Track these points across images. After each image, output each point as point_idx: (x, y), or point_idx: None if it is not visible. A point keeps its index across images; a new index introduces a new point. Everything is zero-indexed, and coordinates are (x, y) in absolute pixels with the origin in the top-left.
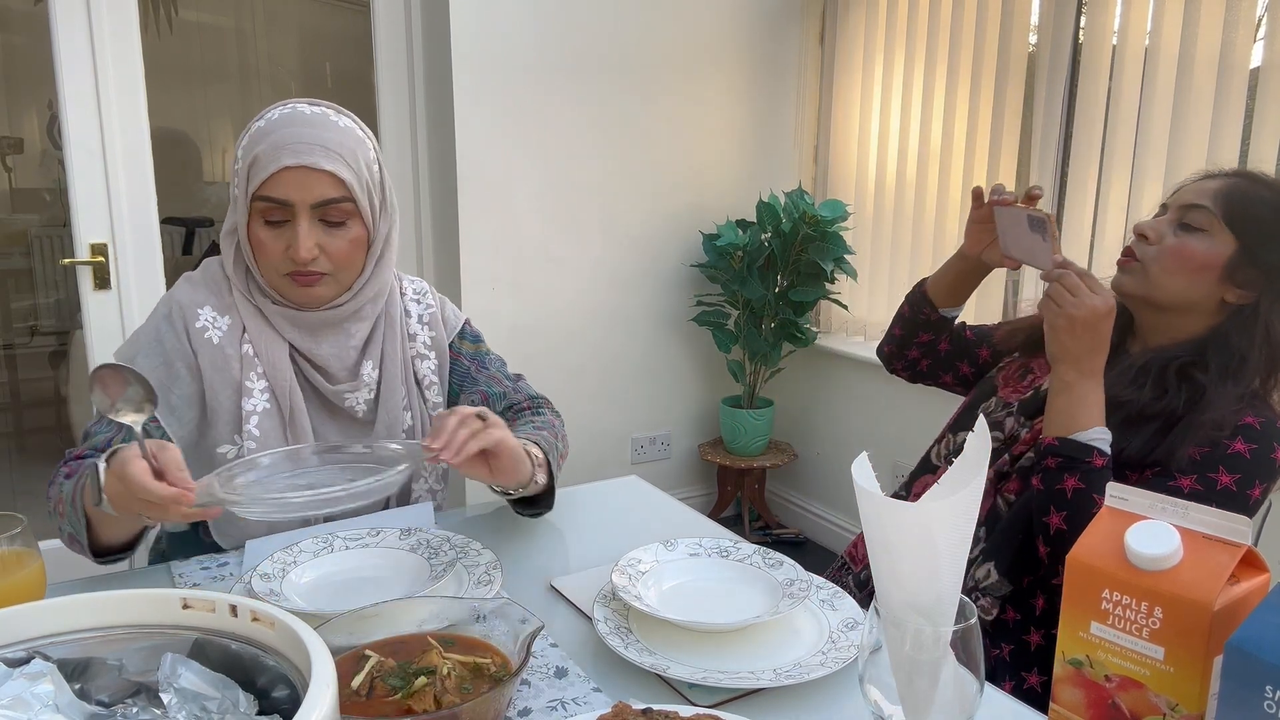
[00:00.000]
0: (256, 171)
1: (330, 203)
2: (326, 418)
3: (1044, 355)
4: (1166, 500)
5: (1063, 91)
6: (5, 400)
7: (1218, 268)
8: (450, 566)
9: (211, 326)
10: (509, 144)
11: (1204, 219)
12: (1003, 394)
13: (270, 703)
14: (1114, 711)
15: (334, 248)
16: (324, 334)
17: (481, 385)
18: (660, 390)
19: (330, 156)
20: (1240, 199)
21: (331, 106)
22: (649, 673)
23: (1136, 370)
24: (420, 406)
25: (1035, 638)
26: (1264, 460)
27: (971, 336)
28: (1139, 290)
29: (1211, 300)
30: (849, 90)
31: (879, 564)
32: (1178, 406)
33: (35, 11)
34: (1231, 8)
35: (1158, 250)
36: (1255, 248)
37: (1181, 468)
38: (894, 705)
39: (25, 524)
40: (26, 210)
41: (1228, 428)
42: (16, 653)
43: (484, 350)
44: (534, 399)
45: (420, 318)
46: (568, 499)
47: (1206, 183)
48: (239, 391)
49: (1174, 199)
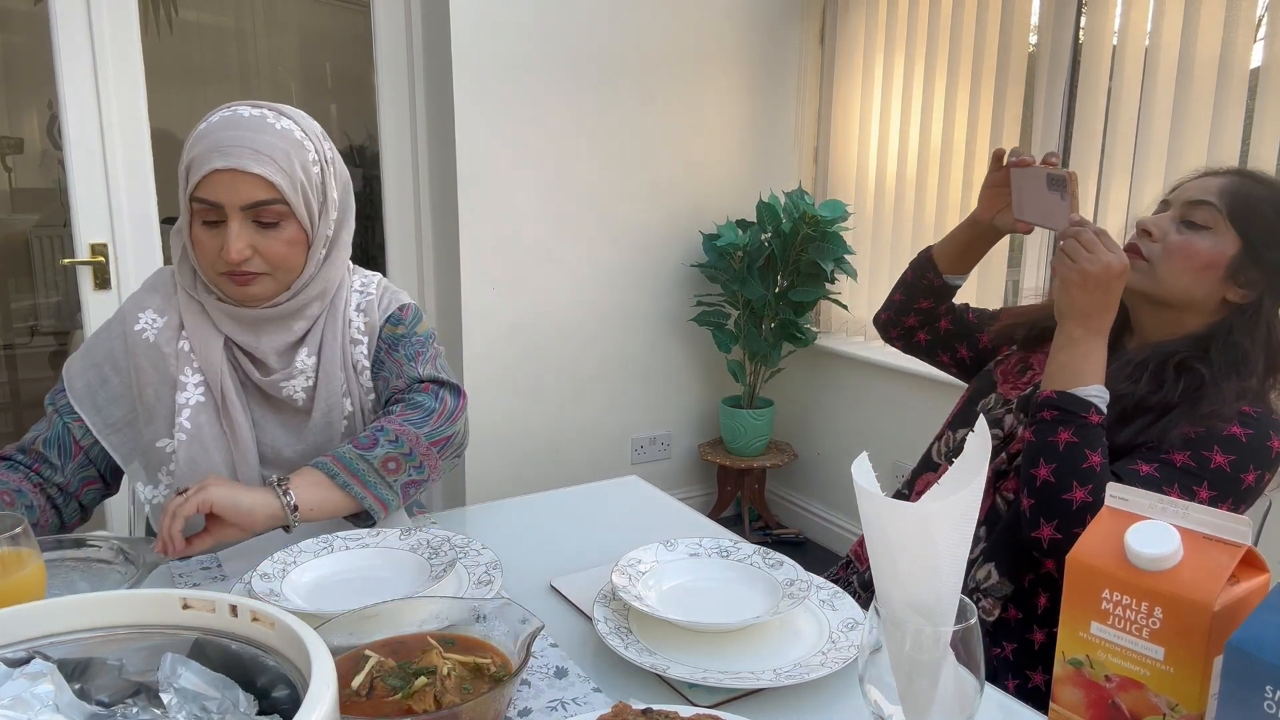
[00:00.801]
0: (192, 173)
1: (260, 204)
2: (268, 410)
3: (1043, 351)
4: (1166, 500)
5: (1063, 91)
6: (5, 400)
7: (1222, 267)
8: (450, 566)
9: (150, 328)
10: (509, 144)
11: (1209, 216)
12: (1002, 390)
13: (270, 703)
14: (1114, 711)
15: (267, 248)
16: (265, 329)
17: (386, 371)
18: (660, 390)
19: (260, 159)
20: (1245, 197)
21: (274, 108)
22: (649, 673)
23: (1135, 365)
24: (359, 392)
25: (1039, 636)
26: (1259, 446)
27: (974, 319)
28: (1143, 286)
29: (1213, 299)
30: (849, 90)
31: (879, 564)
32: (1174, 397)
33: (35, 11)
34: (1231, 8)
35: (1163, 247)
36: (1259, 247)
37: (1174, 445)
38: (894, 705)
39: (25, 524)
40: (26, 210)
41: (1228, 415)
42: (16, 653)
43: (401, 333)
44: (411, 383)
45: (358, 305)
46: (568, 499)
47: (1209, 180)
48: (174, 387)
49: (1176, 195)
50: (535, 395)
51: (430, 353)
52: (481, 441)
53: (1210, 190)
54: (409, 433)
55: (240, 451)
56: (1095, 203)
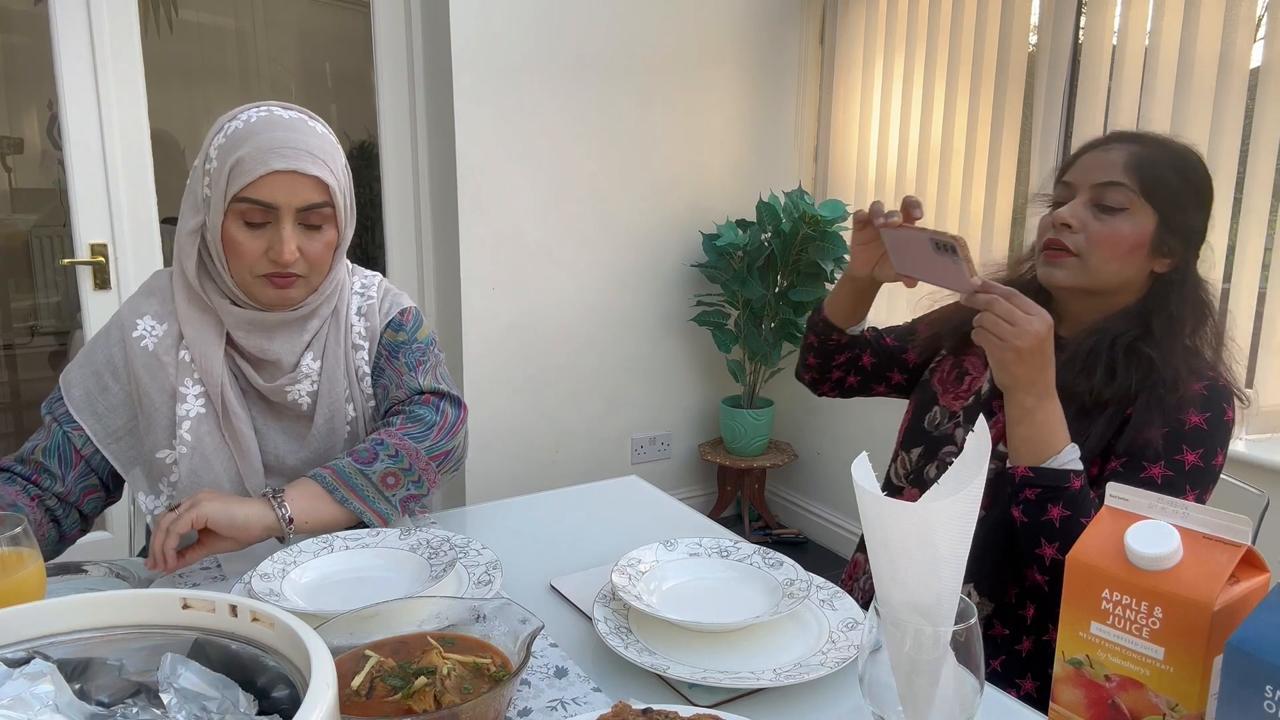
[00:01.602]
0: (240, 174)
1: (313, 207)
2: (270, 417)
3: (973, 353)
4: (1166, 500)
5: (1063, 91)
6: (5, 400)
7: (1146, 244)
8: (450, 566)
9: (149, 335)
10: (509, 144)
11: (1122, 197)
12: (944, 402)
13: (270, 703)
14: (1114, 711)
15: (311, 250)
16: (280, 332)
17: (385, 379)
18: (660, 390)
19: (315, 162)
20: (1151, 168)
21: (304, 111)
22: (649, 673)
23: (1085, 356)
24: (360, 398)
25: (1026, 644)
26: (1219, 425)
27: (893, 343)
28: (1077, 282)
29: (1142, 274)
30: (849, 90)
31: (879, 564)
32: (1130, 386)
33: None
34: (1231, 8)
35: (1087, 239)
36: (1174, 215)
37: (1148, 456)
38: (894, 705)
39: (25, 524)
40: (26, 210)
41: (1184, 402)
42: (16, 653)
43: (402, 339)
44: (412, 394)
45: (360, 309)
46: (568, 499)
47: (1108, 154)
48: (174, 397)
49: (1079, 177)
50: (535, 395)
51: (431, 361)
52: (481, 442)
53: (1115, 168)
54: (409, 447)
55: (246, 461)
56: None
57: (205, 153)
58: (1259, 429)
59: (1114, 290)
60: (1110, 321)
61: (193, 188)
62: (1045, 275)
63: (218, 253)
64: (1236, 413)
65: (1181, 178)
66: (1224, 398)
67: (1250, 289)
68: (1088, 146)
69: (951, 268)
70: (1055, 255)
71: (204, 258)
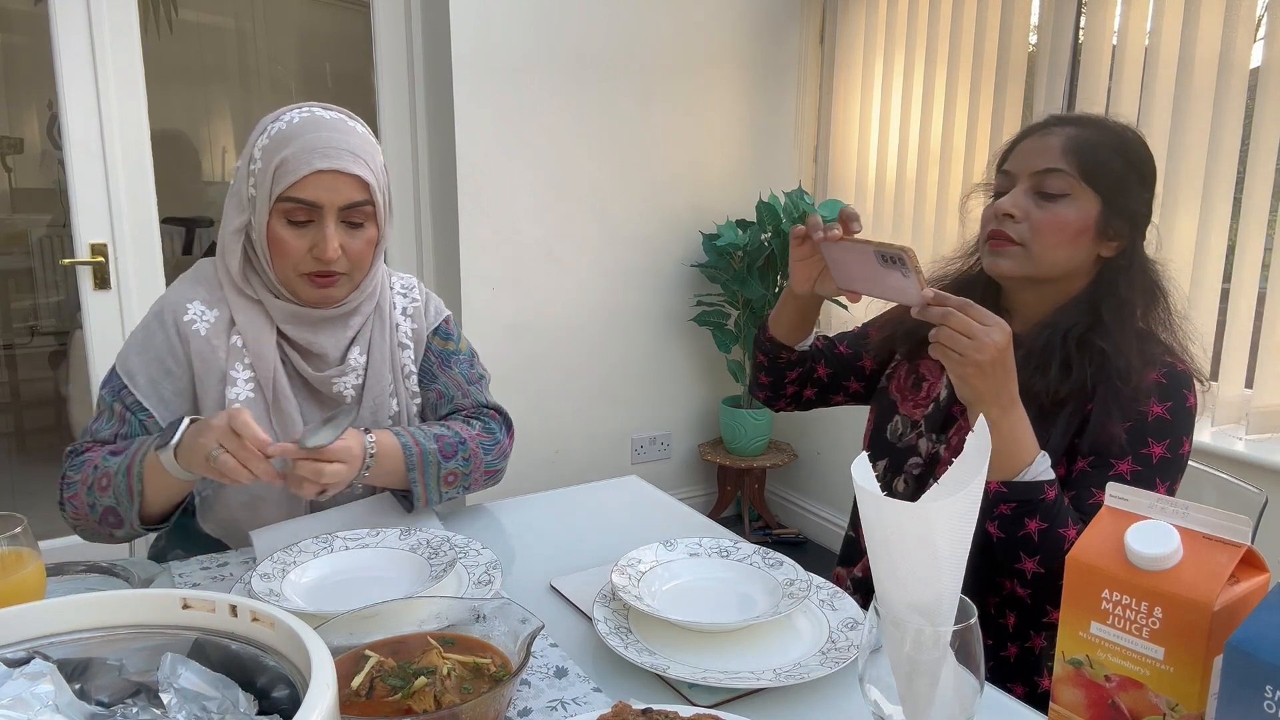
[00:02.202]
0: (284, 174)
1: (356, 205)
2: (314, 407)
3: (928, 356)
4: (1166, 500)
5: (1063, 91)
6: (5, 400)
7: (1091, 229)
8: (450, 566)
9: (199, 319)
10: (509, 144)
11: (1063, 183)
12: (904, 410)
13: (270, 703)
14: (1114, 711)
15: (353, 248)
16: (325, 327)
17: (439, 385)
18: (660, 390)
19: (357, 161)
20: (1090, 152)
21: (344, 111)
22: (649, 673)
23: (1039, 353)
24: (403, 393)
25: (1012, 650)
26: (1181, 412)
27: (847, 351)
28: (1024, 271)
29: (1089, 260)
30: (849, 90)
31: (879, 564)
32: (1085, 380)
33: (35, 11)
34: (1231, 8)
35: (1030, 227)
36: (1117, 198)
37: (1114, 453)
38: (894, 705)
39: (25, 524)
40: (26, 210)
41: (1142, 392)
42: (16, 653)
43: (452, 349)
44: (480, 407)
45: (405, 310)
46: (568, 499)
47: (1044, 140)
48: (224, 381)
49: (1017, 164)
50: (535, 395)
51: (484, 376)
52: None
53: (1054, 154)
54: (478, 456)
55: None
56: None
57: (249, 153)
58: (1225, 419)
59: (1061, 277)
60: (1060, 314)
61: (237, 188)
62: (991, 266)
63: (263, 251)
64: (1199, 396)
65: (1123, 159)
66: (1184, 384)
67: (1250, 289)
68: (1025, 133)
69: (901, 280)
70: (999, 245)
71: (248, 255)
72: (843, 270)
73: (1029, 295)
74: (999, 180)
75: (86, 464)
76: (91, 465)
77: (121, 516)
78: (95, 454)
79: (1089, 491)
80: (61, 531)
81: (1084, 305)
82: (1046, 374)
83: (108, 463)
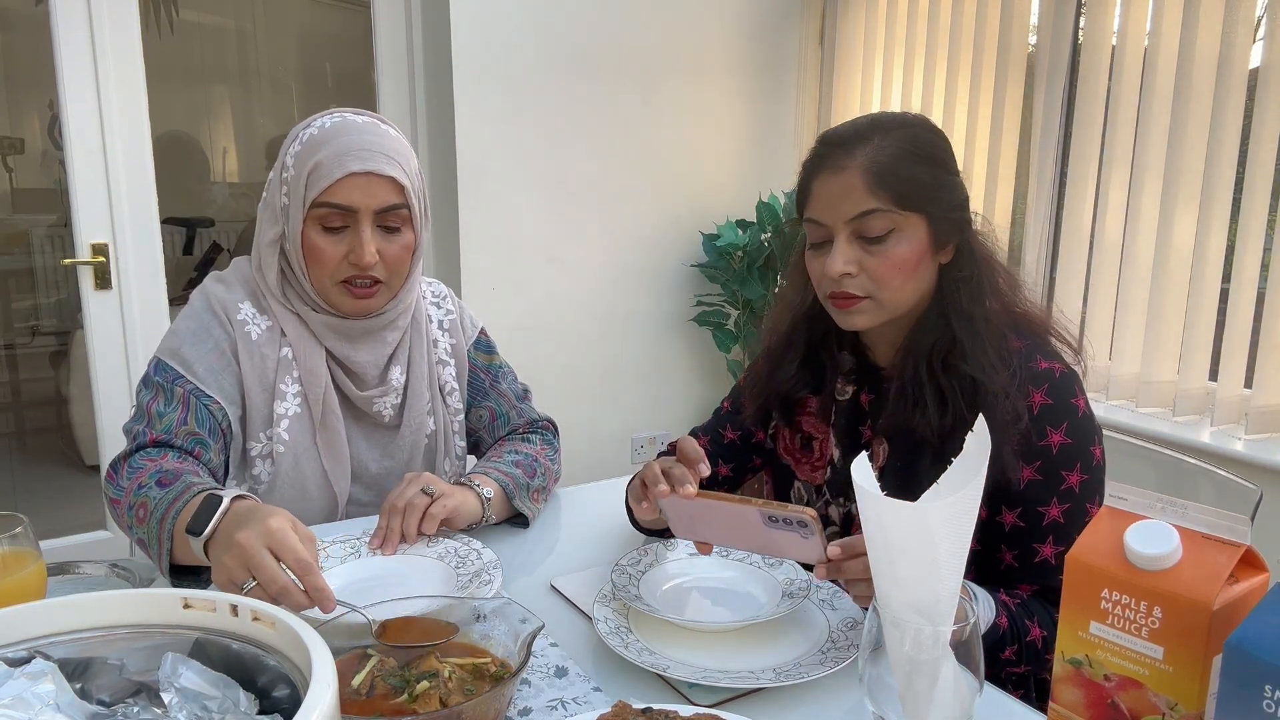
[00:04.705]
0: (317, 178)
1: (391, 209)
2: (353, 423)
3: (805, 412)
4: (1165, 499)
5: (1063, 91)
6: (5, 400)
7: (927, 252)
8: (476, 578)
9: (251, 322)
10: (509, 144)
11: (885, 221)
12: (801, 476)
13: (271, 702)
14: (1113, 711)
15: (390, 254)
16: (362, 341)
17: (491, 402)
18: (660, 390)
19: (391, 163)
20: (892, 174)
21: (376, 115)
22: (649, 673)
23: (909, 390)
24: (443, 412)
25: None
26: (1080, 426)
27: (735, 436)
28: (877, 320)
29: (932, 276)
30: (849, 90)
31: (879, 564)
32: (963, 410)
33: (36, 12)
34: (1231, 8)
35: (871, 278)
36: (936, 208)
37: (1041, 500)
38: (894, 705)
39: (25, 524)
40: (27, 210)
41: (1038, 423)
42: (17, 652)
43: (497, 363)
44: (533, 423)
45: (441, 324)
46: (568, 499)
47: (842, 178)
48: (272, 393)
49: (828, 214)
50: (535, 395)
51: (528, 389)
52: None
53: (859, 192)
54: (549, 470)
55: (337, 464)
56: (1094, 203)
57: (281, 162)
58: (1225, 419)
59: (915, 303)
60: (914, 338)
61: (270, 199)
62: (846, 324)
63: (298, 261)
64: (1082, 379)
65: (925, 163)
66: (1068, 393)
67: (1250, 289)
68: (812, 170)
69: (799, 541)
70: (846, 304)
71: (284, 267)
72: (688, 523)
73: (885, 329)
74: (810, 230)
75: (141, 472)
76: (138, 482)
77: (150, 553)
78: (151, 464)
79: (1031, 549)
80: (62, 531)
81: (934, 319)
82: (925, 410)
83: (152, 493)
